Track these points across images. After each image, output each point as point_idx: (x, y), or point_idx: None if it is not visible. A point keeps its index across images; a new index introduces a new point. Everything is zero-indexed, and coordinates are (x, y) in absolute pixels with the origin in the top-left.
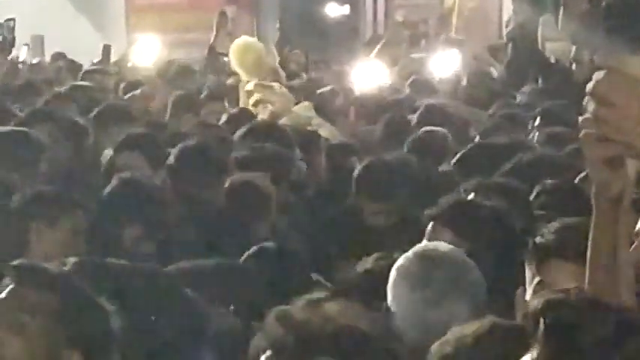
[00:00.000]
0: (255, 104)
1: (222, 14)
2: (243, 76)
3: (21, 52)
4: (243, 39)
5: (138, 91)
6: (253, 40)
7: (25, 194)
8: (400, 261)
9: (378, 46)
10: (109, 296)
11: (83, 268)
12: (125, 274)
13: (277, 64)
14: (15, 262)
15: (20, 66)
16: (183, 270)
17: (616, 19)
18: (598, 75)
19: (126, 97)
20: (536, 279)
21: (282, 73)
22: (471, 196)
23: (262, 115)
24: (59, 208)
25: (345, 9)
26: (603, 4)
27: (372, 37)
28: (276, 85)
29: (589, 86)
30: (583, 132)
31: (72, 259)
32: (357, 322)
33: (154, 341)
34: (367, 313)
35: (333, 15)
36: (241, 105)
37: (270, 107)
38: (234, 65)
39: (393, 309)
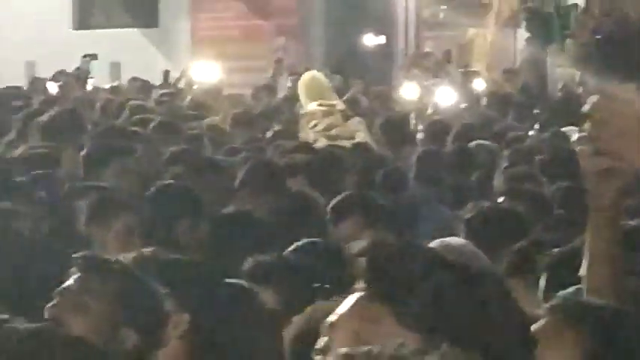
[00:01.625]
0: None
1: (279, 61)
2: (307, 105)
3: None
4: (311, 73)
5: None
6: (318, 74)
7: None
8: None
9: (403, 72)
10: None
11: (141, 263)
12: (179, 268)
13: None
14: (80, 254)
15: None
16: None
17: (608, 52)
18: (593, 98)
19: (207, 121)
20: None
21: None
22: (500, 199)
23: (316, 129)
24: (109, 209)
25: (382, 39)
26: (597, 37)
27: (404, 63)
28: (338, 103)
29: (584, 107)
30: (579, 148)
31: (129, 255)
32: None
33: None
34: None
35: (370, 44)
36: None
37: (322, 124)
38: (301, 94)
39: None
